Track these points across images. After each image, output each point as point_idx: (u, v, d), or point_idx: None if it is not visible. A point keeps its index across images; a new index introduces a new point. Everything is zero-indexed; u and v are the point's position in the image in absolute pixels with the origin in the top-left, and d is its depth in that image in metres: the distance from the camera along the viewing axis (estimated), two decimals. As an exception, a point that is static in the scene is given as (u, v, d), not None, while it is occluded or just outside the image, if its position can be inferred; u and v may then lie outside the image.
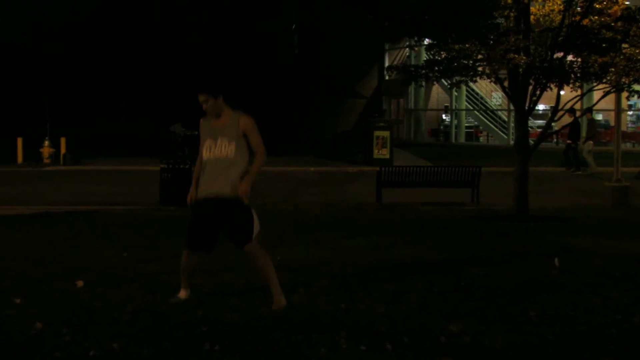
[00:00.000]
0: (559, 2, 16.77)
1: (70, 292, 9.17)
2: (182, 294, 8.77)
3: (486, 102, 53.40)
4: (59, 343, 7.11)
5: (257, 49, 54.57)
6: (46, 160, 35.41)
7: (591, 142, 29.90)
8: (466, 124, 55.37)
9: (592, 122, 31.18)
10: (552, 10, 17.08)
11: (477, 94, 52.62)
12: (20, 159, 35.42)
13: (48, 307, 8.42)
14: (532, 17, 16.88)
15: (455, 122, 55.04)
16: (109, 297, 8.88)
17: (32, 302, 8.63)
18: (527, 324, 7.78)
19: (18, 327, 7.61)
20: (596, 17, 16.32)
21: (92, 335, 7.32)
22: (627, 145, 43.42)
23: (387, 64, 57.25)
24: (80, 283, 9.57)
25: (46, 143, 35.98)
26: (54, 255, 11.84)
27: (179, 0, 61.39)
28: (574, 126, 29.47)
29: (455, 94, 52.21)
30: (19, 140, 35.59)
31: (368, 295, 8.95)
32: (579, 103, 18.03)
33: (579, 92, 17.73)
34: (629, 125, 49.75)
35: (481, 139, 55.78)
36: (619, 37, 15.98)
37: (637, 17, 15.87)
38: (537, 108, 18.29)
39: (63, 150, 35.57)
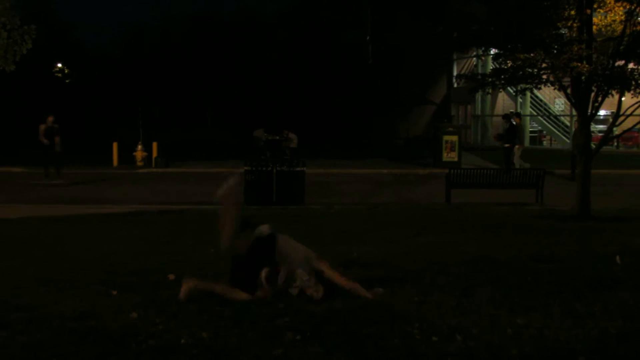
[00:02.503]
0: (620, 13, 16.53)
1: (163, 285, 9.27)
2: None
3: (549, 108, 52.83)
4: (152, 331, 7.19)
5: (336, 60, 54.69)
6: (139, 163, 35.93)
7: (518, 146, 30.00)
8: (530, 129, 54.84)
9: (518, 127, 30.76)
10: (614, 21, 16.84)
11: (541, 100, 52.10)
12: (115, 162, 35.99)
13: (142, 298, 8.52)
14: (594, 27, 16.66)
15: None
16: (198, 289, 8.94)
17: (128, 294, 8.75)
18: (590, 318, 7.67)
19: (115, 317, 7.71)
20: (657, 27, 16.07)
21: (183, 325, 7.38)
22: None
23: (455, 72, 56.98)
24: (172, 276, 9.67)
25: (139, 147, 36.52)
26: (147, 251, 11.99)
27: (263, 15, 61.87)
28: (510, 130, 29.93)
29: (520, 100, 51.70)
30: (115, 145, 36.18)
31: (439, 290, 8.90)
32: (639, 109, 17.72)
33: (640, 98, 17.47)
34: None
35: (545, 143, 55.21)
36: (678, 45, 15.71)
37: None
38: (598, 113, 18.03)
39: (155, 153, 36.05)
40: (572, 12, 16.13)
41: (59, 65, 62.93)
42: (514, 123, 30.56)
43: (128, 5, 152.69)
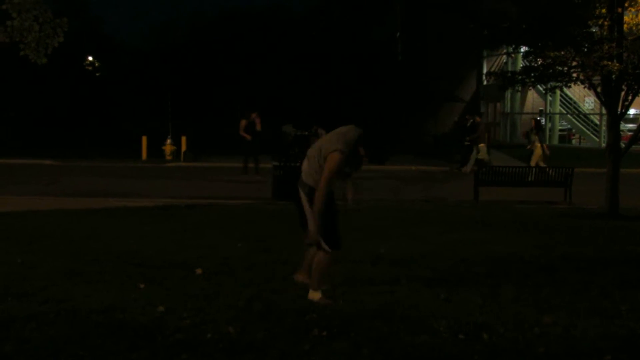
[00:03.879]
0: (651, 12, 16.44)
1: (190, 279, 9.32)
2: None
3: (579, 107, 52.54)
4: (179, 326, 7.22)
5: (366, 56, 54.62)
6: (168, 157, 36.03)
7: (483, 144, 29.91)
8: (560, 127, 54.57)
9: (480, 125, 30.58)
10: (645, 20, 16.75)
11: (571, 98, 51.78)
12: (144, 155, 36.08)
13: (170, 292, 8.56)
14: (625, 25, 16.55)
15: (549, 125, 54.28)
16: (225, 284, 8.99)
17: (155, 288, 8.80)
18: (617, 318, 7.65)
19: (142, 310, 7.75)
20: (688, 26, 15.96)
21: (209, 319, 7.41)
22: None
23: (485, 70, 56.79)
24: (199, 271, 9.70)
25: (168, 141, 36.63)
26: (175, 245, 12.04)
27: (293, 10, 61.88)
28: (473, 127, 29.95)
29: (550, 98, 51.46)
30: (144, 139, 36.26)
31: (466, 287, 8.90)
32: None
33: (670, 97, 17.35)
34: None
35: (574, 141, 54.90)
36: None
37: None
38: (628, 112, 17.92)
39: (184, 147, 36.12)
40: (603, 11, 16.06)
41: (90, 58, 63.18)
42: (476, 121, 30.55)
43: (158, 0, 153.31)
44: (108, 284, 8.96)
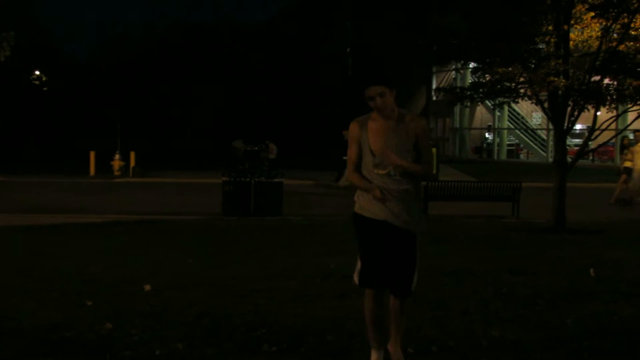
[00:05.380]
0: (596, 29, 16.66)
1: (138, 296, 9.26)
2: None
3: (527, 122, 53.13)
4: (127, 343, 7.17)
5: (317, 71, 54.82)
6: (116, 173, 35.85)
7: None
8: (508, 142, 55.15)
9: None
10: (590, 37, 16.97)
11: (519, 114, 52.38)
12: (92, 171, 35.87)
13: (118, 309, 8.50)
14: (571, 42, 16.77)
15: (497, 140, 54.80)
16: (174, 300, 8.95)
17: (103, 304, 8.73)
18: (564, 330, 7.73)
19: (90, 327, 7.69)
20: (632, 43, 16.19)
21: (158, 336, 7.38)
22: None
23: (434, 85, 57.24)
24: (147, 287, 9.66)
25: (117, 157, 36.45)
26: (124, 261, 11.97)
27: (244, 26, 61.91)
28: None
29: (498, 114, 52.02)
30: (92, 154, 36.06)
31: (415, 302, 8.92)
32: (614, 123, 17.82)
33: (615, 113, 17.61)
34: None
35: (521, 156, 55.50)
36: (653, 61, 15.84)
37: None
38: (574, 128, 18.15)
39: (132, 163, 35.97)
40: (550, 28, 16.28)
41: (37, 72, 62.68)
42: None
43: (109, 14, 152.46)
44: (55, 301, 8.88)
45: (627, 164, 24.04)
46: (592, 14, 16.18)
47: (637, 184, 23.77)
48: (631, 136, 24.95)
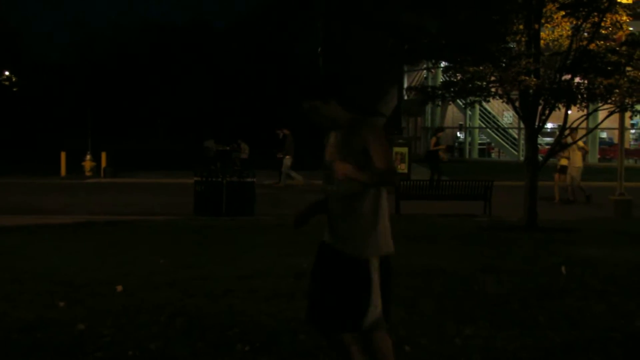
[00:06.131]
0: (567, 28, 16.77)
1: (111, 296, 9.22)
2: None
3: (498, 121, 53.35)
4: (100, 344, 7.15)
5: (288, 71, 54.84)
6: (88, 173, 35.73)
7: (289, 156, 30.25)
8: (479, 141, 55.37)
9: (288, 139, 30.91)
10: (561, 36, 17.08)
11: (490, 113, 52.58)
12: (63, 171, 35.72)
13: (90, 310, 8.46)
14: (542, 41, 16.86)
15: (469, 139, 55.00)
16: (147, 301, 8.92)
17: (75, 306, 8.68)
18: (536, 328, 7.77)
19: (62, 329, 7.65)
20: (602, 42, 16.31)
21: (131, 337, 7.35)
22: (630, 162, 43.20)
23: (406, 85, 57.36)
24: (119, 288, 9.62)
25: (88, 157, 36.33)
26: (96, 262, 11.91)
27: (215, 26, 61.81)
28: (282, 142, 30.43)
29: (469, 113, 52.22)
30: (63, 154, 35.91)
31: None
32: (584, 122, 17.93)
33: (585, 111, 17.72)
34: (632, 142, 49.60)
35: (493, 155, 55.75)
36: (623, 60, 15.93)
37: (640, 41, 15.87)
38: (545, 126, 18.24)
39: (104, 163, 35.85)
40: (521, 27, 16.35)
41: (7, 73, 62.29)
42: (285, 134, 30.72)
43: (79, 12, 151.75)
44: (28, 302, 8.82)
45: (564, 162, 24.11)
46: (563, 13, 16.29)
47: (576, 181, 23.82)
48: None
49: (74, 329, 7.63)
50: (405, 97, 55.93)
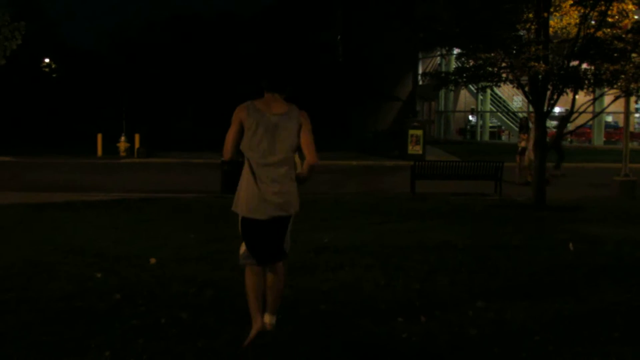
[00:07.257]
0: (575, 16, 16.63)
1: (144, 268, 9.26)
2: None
3: (508, 105, 53.07)
4: (135, 312, 7.18)
5: (309, 58, 54.74)
6: (122, 154, 35.83)
7: None
8: (490, 124, 55.08)
9: None
10: (569, 24, 16.94)
11: (501, 97, 52.29)
12: (99, 152, 35.85)
13: (125, 281, 8.50)
14: (550, 29, 16.74)
15: (480, 122, 54.77)
16: (178, 273, 8.96)
17: (112, 277, 8.73)
18: (544, 302, 7.74)
19: (99, 298, 7.70)
20: (609, 30, 16.16)
21: (163, 306, 7.38)
22: (635, 144, 42.91)
23: (420, 70, 57.21)
24: (153, 260, 9.66)
25: (122, 138, 36.41)
26: (130, 236, 11.96)
27: (239, 16, 61.75)
28: None
29: (481, 97, 51.93)
30: (99, 136, 36.06)
31: (404, 274, 8.95)
32: (591, 106, 17.81)
33: (592, 96, 17.60)
34: (636, 126, 49.23)
35: (503, 137, 55.45)
36: (629, 47, 15.80)
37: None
38: (554, 110, 18.14)
39: (137, 145, 35.93)
40: (530, 15, 16.23)
41: (47, 60, 62.45)
42: None
43: (114, 4, 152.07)
44: (67, 274, 8.88)
45: (523, 144, 23.82)
46: (571, 1, 16.16)
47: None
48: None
49: (111, 298, 7.67)
50: (420, 83, 55.84)
